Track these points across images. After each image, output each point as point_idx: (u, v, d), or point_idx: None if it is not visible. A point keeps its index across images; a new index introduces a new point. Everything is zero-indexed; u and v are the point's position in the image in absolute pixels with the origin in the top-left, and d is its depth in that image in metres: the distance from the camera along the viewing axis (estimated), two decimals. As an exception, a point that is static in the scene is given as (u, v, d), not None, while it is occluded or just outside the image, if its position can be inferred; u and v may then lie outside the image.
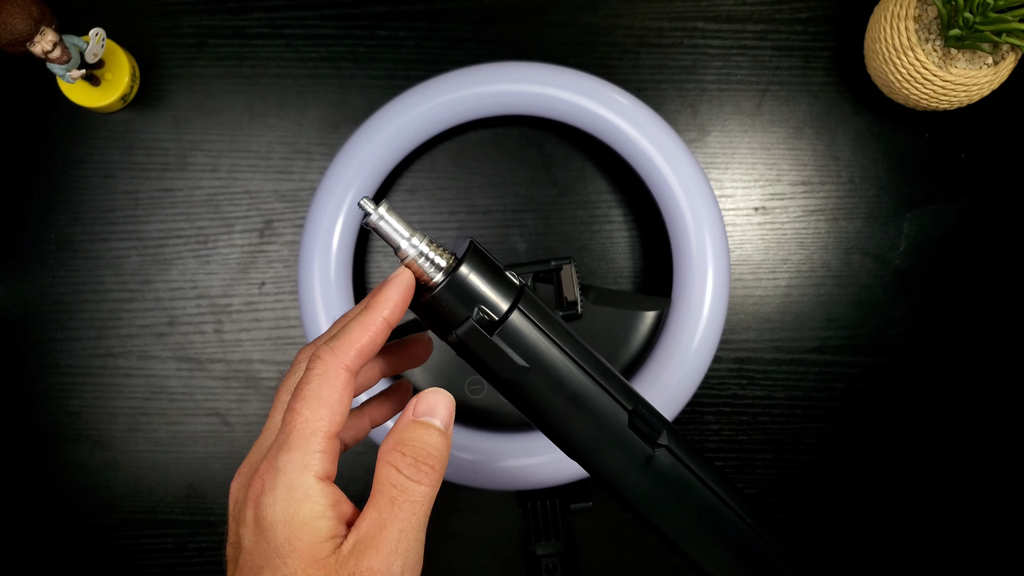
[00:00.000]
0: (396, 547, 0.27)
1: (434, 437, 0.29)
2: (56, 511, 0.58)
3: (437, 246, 0.32)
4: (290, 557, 0.27)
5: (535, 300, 0.32)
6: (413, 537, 0.28)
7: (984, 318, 0.59)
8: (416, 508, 0.28)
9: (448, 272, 0.31)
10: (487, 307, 0.31)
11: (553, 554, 0.54)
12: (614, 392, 0.32)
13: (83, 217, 0.58)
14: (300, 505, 0.27)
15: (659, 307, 0.54)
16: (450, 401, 0.30)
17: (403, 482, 0.28)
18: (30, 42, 0.49)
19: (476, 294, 0.31)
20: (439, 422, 0.29)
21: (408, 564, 0.27)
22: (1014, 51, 0.52)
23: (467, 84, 0.54)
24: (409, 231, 0.31)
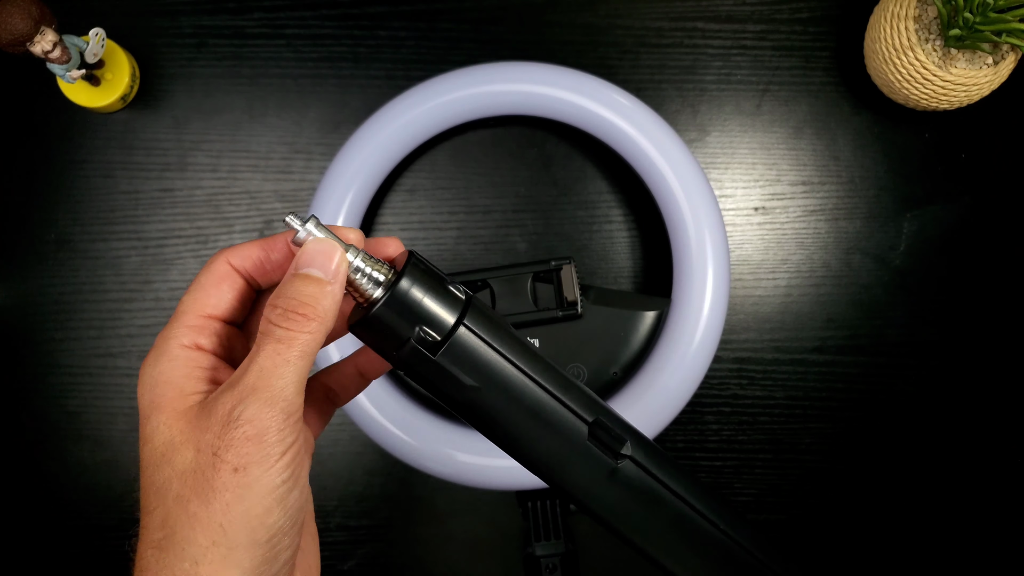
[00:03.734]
0: (273, 396, 0.26)
1: (309, 287, 0.28)
2: (56, 511, 0.58)
3: (374, 260, 0.30)
4: (157, 414, 0.28)
5: (484, 312, 0.31)
6: (293, 388, 0.27)
7: (984, 318, 0.59)
8: (291, 356, 0.27)
9: (387, 287, 0.29)
10: (430, 325, 0.29)
11: (553, 554, 0.54)
12: (573, 404, 0.31)
13: (83, 217, 0.58)
14: (163, 368, 0.28)
15: (659, 307, 0.54)
16: (331, 249, 0.28)
17: (273, 330, 0.27)
18: (30, 42, 0.49)
19: (417, 311, 0.29)
20: (317, 271, 0.28)
21: (290, 415, 0.27)
22: (1014, 51, 0.52)
23: (467, 84, 0.54)
24: (343, 246, 0.29)
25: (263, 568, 0.27)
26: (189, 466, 0.27)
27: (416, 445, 0.52)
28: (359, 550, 0.58)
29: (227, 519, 0.26)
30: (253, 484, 0.26)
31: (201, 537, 0.26)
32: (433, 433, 0.53)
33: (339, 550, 0.58)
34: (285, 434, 0.27)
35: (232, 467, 0.26)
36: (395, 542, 0.58)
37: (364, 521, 0.58)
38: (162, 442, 0.27)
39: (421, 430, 0.52)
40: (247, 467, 0.26)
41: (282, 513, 0.27)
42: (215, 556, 0.26)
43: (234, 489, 0.26)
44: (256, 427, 0.26)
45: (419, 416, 0.53)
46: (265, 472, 0.26)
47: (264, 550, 0.26)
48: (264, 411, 0.26)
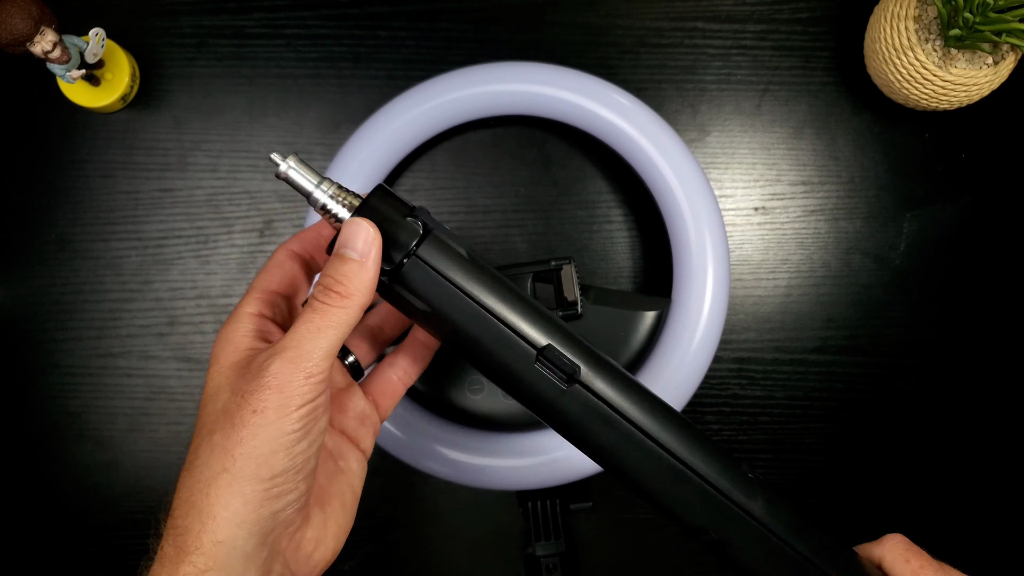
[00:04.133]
0: (299, 356, 0.30)
1: (345, 266, 0.32)
2: (56, 511, 0.58)
3: (348, 192, 0.34)
4: (214, 365, 0.33)
5: (443, 243, 0.33)
6: (320, 354, 0.31)
7: (984, 318, 0.59)
8: (323, 325, 0.31)
9: None
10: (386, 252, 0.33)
11: (553, 554, 0.54)
12: (525, 331, 0.33)
13: (83, 217, 0.58)
14: (229, 329, 0.34)
15: (659, 307, 0.54)
16: (365, 231, 0.32)
17: (315, 304, 0.32)
18: (30, 42, 0.49)
19: None
20: (353, 252, 0.32)
21: (312, 375, 0.30)
22: (1014, 51, 0.52)
23: (467, 84, 0.54)
24: (318, 179, 0.33)
25: (264, 503, 0.30)
26: (224, 405, 0.31)
27: (417, 445, 0.52)
28: (359, 550, 0.58)
29: (239, 451, 0.30)
30: (266, 426, 0.30)
31: (215, 463, 0.30)
32: (434, 433, 0.53)
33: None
34: (304, 391, 0.30)
35: (252, 409, 0.30)
36: (395, 542, 0.58)
37: (364, 521, 0.58)
38: (213, 386, 0.32)
39: (422, 430, 0.52)
40: (265, 411, 0.30)
41: (286, 457, 0.30)
42: (223, 481, 0.30)
43: (250, 427, 0.30)
44: (279, 379, 0.30)
45: (420, 416, 0.53)
46: (279, 419, 0.30)
47: (266, 486, 0.30)
48: (287, 367, 0.30)
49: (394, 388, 0.39)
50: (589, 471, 0.53)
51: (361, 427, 0.38)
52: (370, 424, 0.38)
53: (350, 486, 0.37)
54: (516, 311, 0.34)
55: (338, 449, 0.37)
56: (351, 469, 0.37)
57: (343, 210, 0.33)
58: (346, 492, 0.36)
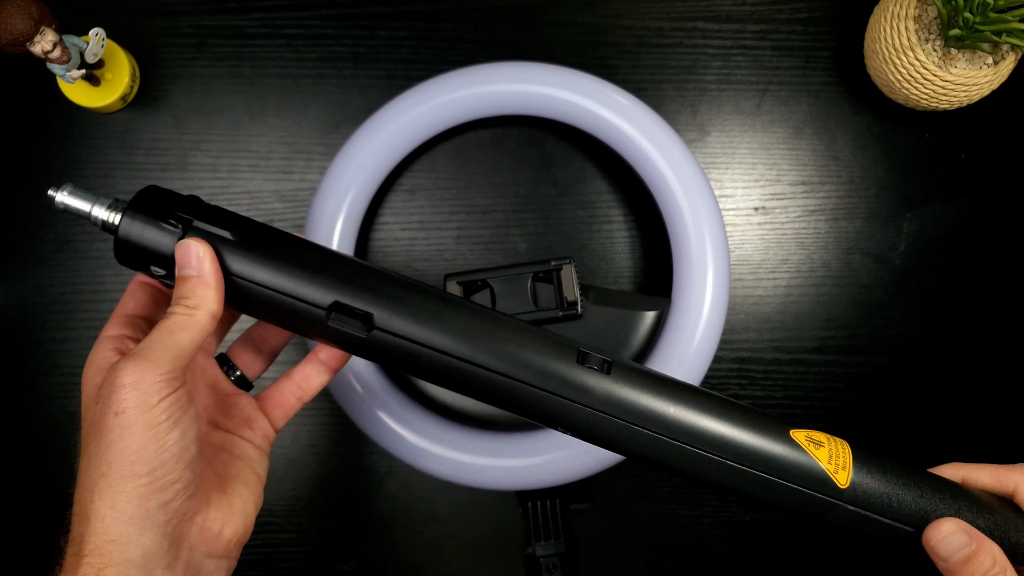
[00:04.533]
0: (151, 356, 0.32)
1: (188, 283, 0.35)
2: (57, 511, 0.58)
3: (116, 207, 0.36)
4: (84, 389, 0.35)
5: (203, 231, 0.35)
6: (171, 353, 0.33)
7: (984, 318, 0.59)
8: (173, 328, 0.34)
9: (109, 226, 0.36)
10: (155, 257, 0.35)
11: (553, 554, 0.54)
12: (309, 295, 0.35)
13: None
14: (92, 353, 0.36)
15: (659, 307, 0.54)
16: (194, 249, 0.35)
17: (167, 315, 0.34)
18: (30, 42, 0.49)
19: (141, 247, 0.36)
20: (190, 270, 0.35)
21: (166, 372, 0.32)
22: (1014, 51, 0.52)
23: (467, 84, 0.54)
24: (91, 201, 0.37)
25: (149, 496, 0.32)
26: (92, 418, 0.33)
27: (416, 445, 0.52)
28: (359, 550, 0.58)
29: (110, 454, 0.32)
30: (130, 425, 0.32)
31: (93, 471, 0.32)
32: (433, 433, 0.53)
33: (339, 550, 0.58)
34: (161, 385, 0.32)
35: (114, 411, 0.32)
36: (395, 542, 0.58)
37: (364, 521, 0.58)
38: (84, 408, 0.34)
39: (422, 430, 0.53)
40: (125, 411, 0.32)
41: (159, 449, 0.32)
42: (103, 486, 0.32)
43: (115, 429, 0.32)
44: (133, 377, 0.32)
45: (420, 416, 0.53)
46: (141, 415, 0.32)
47: (145, 480, 0.32)
48: (140, 365, 0.32)
49: (286, 401, 0.41)
50: (589, 471, 0.53)
51: (248, 430, 0.40)
52: (259, 428, 0.40)
53: (250, 468, 0.39)
54: (294, 278, 0.35)
55: (228, 442, 0.39)
56: (248, 455, 0.39)
57: (117, 218, 0.36)
58: (247, 474, 0.38)
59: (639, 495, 0.58)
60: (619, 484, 0.58)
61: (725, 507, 0.58)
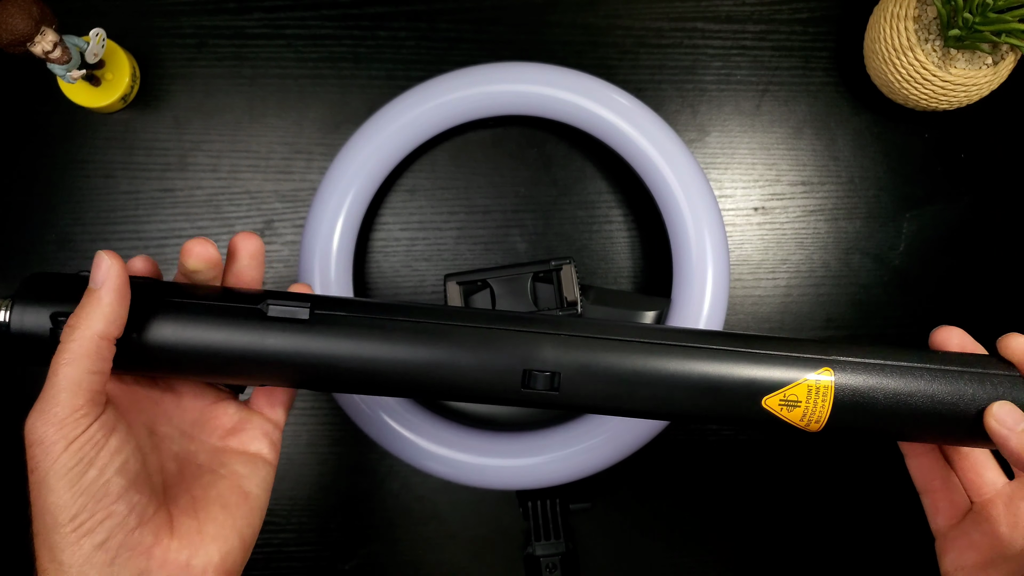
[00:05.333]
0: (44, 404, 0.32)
1: (83, 298, 0.33)
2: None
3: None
4: None
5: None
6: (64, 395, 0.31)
7: (984, 318, 0.59)
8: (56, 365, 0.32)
9: None
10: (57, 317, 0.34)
11: (553, 554, 0.54)
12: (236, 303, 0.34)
13: (84, 217, 0.58)
14: None
15: (659, 307, 0.54)
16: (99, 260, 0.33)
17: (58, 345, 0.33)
18: (30, 42, 0.49)
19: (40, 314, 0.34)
20: (93, 283, 0.33)
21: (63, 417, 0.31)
22: (1013, 51, 0.52)
23: (467, 84, 0.54)
24: None
25: (81, 541, 0.31)
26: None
27: (417, 444, 0.52)
28: (359, 550, 0.58)
29: (35, 510, 0.32)
30: (43, 479, 0.31)
31: (34, 533, 0.32)
32: (434, 433, 0.53)
33: (339, 550, 0.58)
34: (65, 431, 0.31)
35: (30, 470, 0.32)
36: (395, 542, 0.58)
37: (364, 521, 0.58)
38: None
39: (422, 430, 0.53)
40: (36, 468, 0.31)
41: (74, 495, 0.31)
42: (39, 543, 0.32)
43: (34, 487, 0.32)
44: (35, 434, 0.32)
45: (420, 416, 0.53)
46: (50, 468, 0.31)
47: (70, 528, 0.31)
48: (37, 419, 0.32)
49: (274, 393, 0.39)
50: (589, 471, 0.53)
51: (242, 435, 0.38)
52: (254, 430, 0.38)
53: (235, 488, 0.36)
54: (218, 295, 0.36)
55: (216, 461, 0.37)
56: (234, 472, 0.37)
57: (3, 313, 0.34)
58: (228, 495, 0.36)
59: (639, 495, 0.58)
60: (619, 484, 0.58)
61: (726, 507, 0.58)
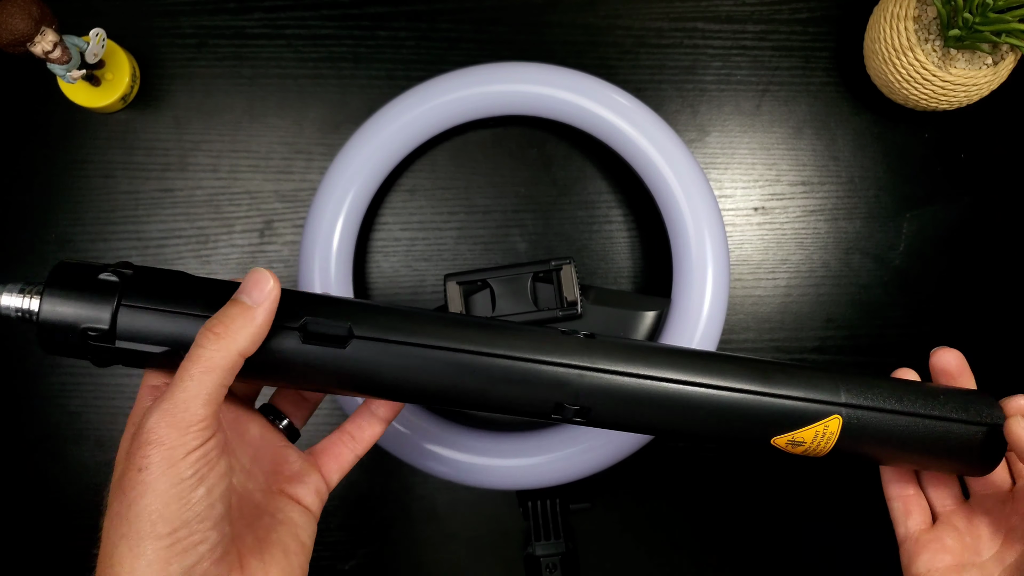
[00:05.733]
0: (175, 406, 0.30)
1: (233, 309, 0.32)
2: (57, 511, 0.58)
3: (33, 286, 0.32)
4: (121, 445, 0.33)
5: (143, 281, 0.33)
6: (197, 401, 0.30)
7: (984, 318, 0.59)
8: (196, 372, 0.30)
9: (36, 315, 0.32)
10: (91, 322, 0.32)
11: (553, 554, 0.54)
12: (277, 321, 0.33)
13: (84, 217, 0.58)
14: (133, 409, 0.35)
15: (659, 307, 0.54)
16: (264, 280, 0.32)
17: (191, 351, 0.31)
18: (30, 42, 0.49)
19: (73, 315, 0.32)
20: (247, 298, 0.32)
21: (192, 424, 0.30)
22: (1013, 51, 0.52)
23: (467, 84, 0.54)
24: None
25: (171, 559, 0.29)
26: (117, 475, 0.31)
27: (417, 445, 0.52)
28: (359, 550, 0.58)
29: (131, 513, 0.29)
30: (153, 482, 0.29)
31: (114, 533, 0.30)
32: (434, 432, 0.53)
33: (339, 550, 0.58)
34: (187, 439, 0.30)
35: (137, 468, 0.29)
36: (395, 542, 0.58)
37: (364, 521, 0.58)
38: (115, 463, 0.32)
39: (422, 430, 0.53)
40: (148, 467, 0.29)
41: (183, 508, 0.29)
42: (124, 548, 0.29)
43: (137, 487, 0.29)
44: (156, 434, 0.30)
45: (420, 415, 0.53)
46: (164, 472, 0.29)
47: (167, 542, 0.29)
48: (164, 419, 0.30)
49: (341, 456, 0.39)
50: (589, 471, 0.53)
51: (300, 486, 0.37)
52: (311, 484, 0.38)
53: (293, 535, 0.36)
54: None
55: (276, 506, 0.36)
56: (291, 520, 0.36)
57: (33, 303, 0.32)
58: (288, 541, 0.36)
59: (639, 495, 0.58)
60: (619, 484, 0.58)
61: (726, 507, 0.58)
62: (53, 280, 0.32)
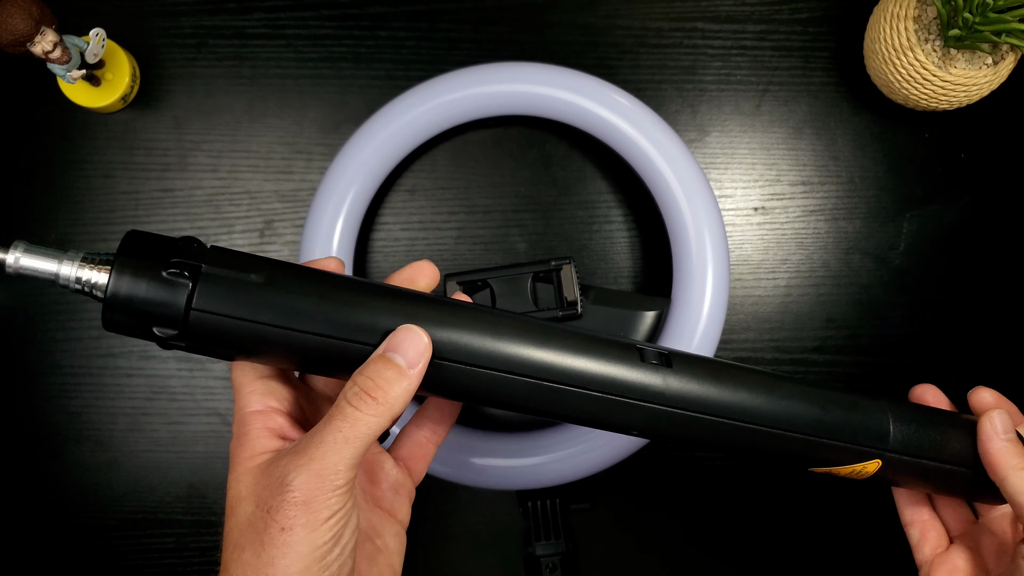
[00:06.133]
0: (325, 469, 0.29)
1: (389, 371, 0.30)
2: (57, 511, 0.58)
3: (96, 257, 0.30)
4: (233, 471, 0.32)
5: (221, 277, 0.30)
6: (346, 464, 0.29)
7: (984, 318, 0.59)
8: (351, 436, 0.30)
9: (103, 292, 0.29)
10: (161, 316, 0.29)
11: (553, 554, 0.54)
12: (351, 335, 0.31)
13: (84, 217, 0.58)
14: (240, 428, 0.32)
15: (659, 307, 0.54)
16: (418, 340, 0.31)
17: (343, 406, 0.30)
18: (30, 42, 0.49)
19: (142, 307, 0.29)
20: (400, 359, 0.30)
21: (339, 487, 0.29)
22: (1013, 51, 0.52)
23: (467, 84, 0.54)
24: (57, 258, 0.30)
25: None
26: (248, 518, 0.30)
27: (416, 445, 0.52)
28: (359, 550, 0.58)
29: (271, 570, 0.29)
30: (296, 544, 0.29)
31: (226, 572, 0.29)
32: (433, 433, 0.53)
33: (339, 550, 0.58)
34: (332, 503, 0.29)
35: (280, 526, 0.29)
36: (395, 542, 0.58)
37: (364, 521, 0.58)
38: (233, 495, 0.31)
39: (421, 430, 0.53)
40: (293, 528, 0.29)
41: (320, 570, 0.29)
42: None
43: (280, 546, 0.29)
44: (304, 494, 0.29)
45: (419, 416, 0.53)
46: (308, 534, 0.29)
47: None
48: (313, 481, 0.29)
49: (425, 449, 0.38)
50: (589, 471, 0.53)
51: (396, 496, 0.37)
52: (405, 492, 0.37)
53: (389, 566, 0.36)
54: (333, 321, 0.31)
55: (374, 527, 0.36)
56: (389, 547, 0.36)
57: (102, 276, 0.30)
58: (385, 572, 0.36)
59: (639, 495, 0.58)
60: (619, 484, 0.58)
61: (726, 507, 0.58)
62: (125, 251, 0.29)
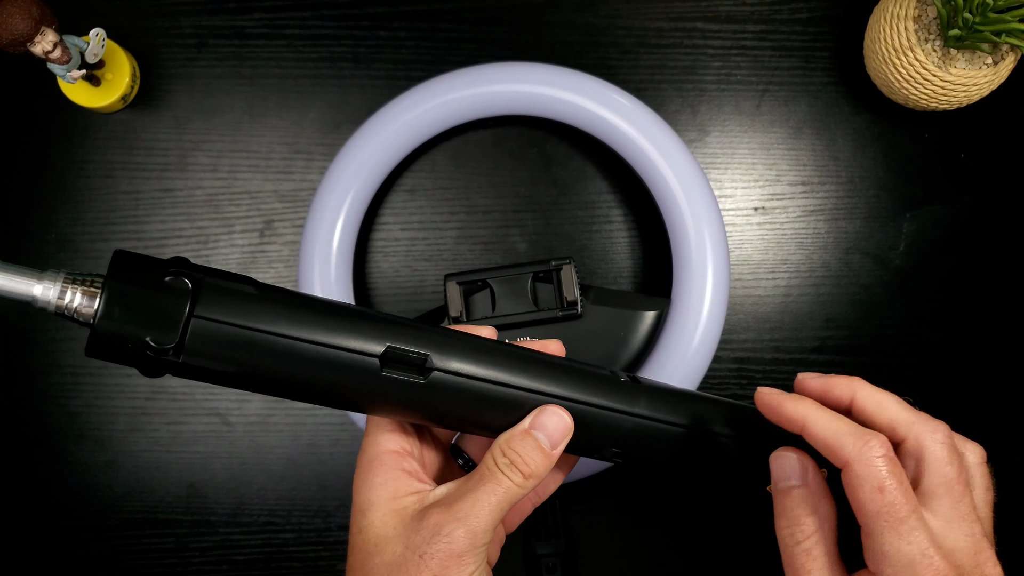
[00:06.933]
0: (478, 529, 0.32)
1: (535, 453, 0.33)
2: (57, 511, 0.58)
3: (81, 278, 0.28)
4: (374, 509, 0.33)
5: (219, 286, 0.29)
6: (485, 515, 0.32)
7: (984, 318, 0.59)
8: (497, 490, 0.32)
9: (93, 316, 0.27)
10: (157, 334, 0.27)
11: (553, 554, 0.54)
12: (355, 345, 0.30)
13: (84, 217, 0.58)
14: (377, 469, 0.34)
15: (659, 307, 0.54)
16: (562, 423, 0.33)
17: (496, 473, 0.33)
18: (30, 42, 0.49)
19: (138, 323, 0.27)
20: (545, 440, 0.33)
21: (482, 545, 0.32)
22: (1013, 51, 0.52)
23: (467, 84, 0.54)
24: (35, 275, 0.27)
25: None
26: (397, 559, 0.32)
27: (416, 445, 0.52)
28: (359, 550, 0.58)
29: None
30: None
31: None
32: (433, 433, 0.53)
33: (340, 550, 0.58)
34: (478, 557, 0.32)
35: (433, 572, 0.31)
36: (395, 542, 0.58)
37: (364, 521, 0.58)
38: (375, 534, 0.33)
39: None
40: (444, 574, 0.31)
41: None
42: None
43: None
44: (458, 547, 0.32)
45: (419, 416, 0.53)
46: None
47: None
48: (467, 537, 0.32)
49: (522, 507, 0.39)
50: (589, 471, 0.53)
51: (493, 545, 0.38)
52: (498, 541, 0.39)
53: None
54: (336, 330, 0.30)
55: None
56: None
57: (86, 300, 0.27)
58: None
59: (639, 495, 0.58)
60: (619, 484, 0.58)
61: (725, 508, 0.58)
62: (115, 274, 0.27)
